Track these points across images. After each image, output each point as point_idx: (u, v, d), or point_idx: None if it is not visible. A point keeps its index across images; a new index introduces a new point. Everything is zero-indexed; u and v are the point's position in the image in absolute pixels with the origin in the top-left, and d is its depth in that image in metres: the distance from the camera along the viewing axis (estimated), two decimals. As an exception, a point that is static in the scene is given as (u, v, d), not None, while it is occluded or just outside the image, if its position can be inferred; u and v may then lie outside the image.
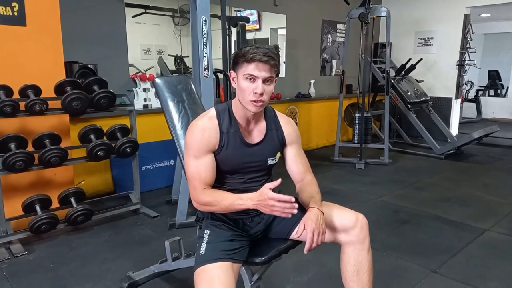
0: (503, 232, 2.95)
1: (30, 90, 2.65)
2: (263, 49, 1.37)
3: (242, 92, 1.41)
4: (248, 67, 1.37)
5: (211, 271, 1.32)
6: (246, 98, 1.41)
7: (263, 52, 1.35)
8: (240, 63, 1.39)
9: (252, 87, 1.38)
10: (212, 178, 1.48)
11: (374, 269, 1.56)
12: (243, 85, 1.40)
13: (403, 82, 5.72)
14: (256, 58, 1.35)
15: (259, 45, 1.39)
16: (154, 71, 4.41)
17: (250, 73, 1.37)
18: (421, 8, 6.48)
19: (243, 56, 1.37)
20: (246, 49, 1.38)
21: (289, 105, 5.50)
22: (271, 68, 1.38)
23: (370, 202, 3.59)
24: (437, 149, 5.32)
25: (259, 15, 5.60)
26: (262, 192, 1.31)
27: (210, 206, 1.44)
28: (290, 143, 1.60)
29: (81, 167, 3.41)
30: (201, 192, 1.44)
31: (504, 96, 9.30)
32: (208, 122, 1.48)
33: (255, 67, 1.36)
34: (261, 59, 1.35)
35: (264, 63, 1.36)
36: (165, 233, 2.87)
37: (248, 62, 1.37)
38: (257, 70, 1.37)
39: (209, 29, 2.93)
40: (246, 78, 1.39)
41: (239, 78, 1.41)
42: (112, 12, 3.87)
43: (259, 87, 1.38)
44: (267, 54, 1.36)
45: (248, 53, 1.36)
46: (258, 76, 1.37)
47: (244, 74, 1.39)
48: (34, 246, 2.68)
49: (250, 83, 1.39)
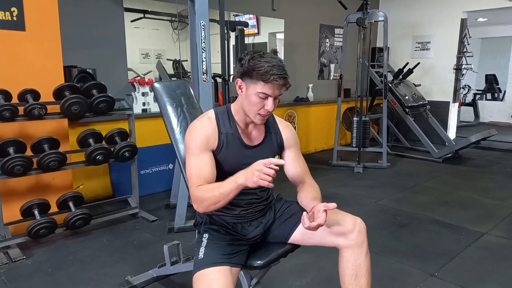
0: (501, 235, 2.95)
1: (29, 95, 2.65)
2: (279, 68, 1.35)
3: (252, 105, 1.41)
4: (264, 86, 1.37)
5: (209, 275, 1.32)
6: (253, 112, 1.43)
7: (280, 74, 1.35)
8: (254, 79, 1.37)
9: (263, 104, 1.40)
10: (212, 175, 1.44)
11: (372, 273, 1.56)
12: (254, 100, 1.40)
13: (401, 86, 5.74)
14: (275, 81, 1.35)
15: (273, 60, 1.36)
16: (152, 75, 4.41)
17: (265, 93, 1.38)
18: (418, 12, 6.52)
19: (261, 75, 1.35)
20: (263, 66, 1.34)
21: (288, 109, 5.51)
22: (283, 86, 1.40)
23: (368, 206, 3.60)
24: (435, 153, 5.34)
25: (258, 19, 5.63)
26: (256, 163, 1.27)
27: (207, 200, 1.36)
28: (289, 147, 1.62)
29: (79, 171, 3.41)
30: (196, 189, 1.39)
31: (501, 100, 9.34)
32: (207, 122, 1.49)
33: (270, 87, 1.37)
34: (279, 82, 1.36)
35: (281, 85, 1.38)
36: (164, 237, 2.87)
37: (265, 81, 1.36)
38: (271, 90, 1.38)
39: (208, 33, 2.94)
40: (258, 95, 1.39)
41: (249, 91, 1.40)
42: (111, 17, 3.89)
43: (270, 104, 1.40)
44: (284, 75, 1.36)
45: (267, 74, 1.34)
46: (271, 95, 1.39)
47: (258, 92, 1.38)
48: (32, 251, 2.67)
49: (261, 100, 1.40)
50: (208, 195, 1.36)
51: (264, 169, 1.23)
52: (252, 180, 1.25)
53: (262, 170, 1.23)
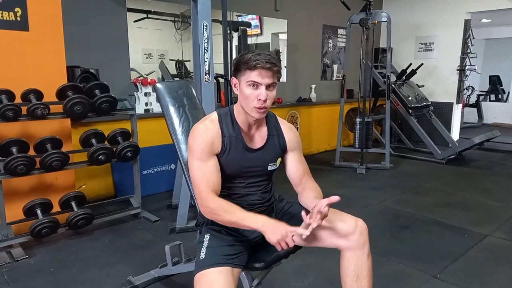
0: (504, 237, 2.94)
1: (32, 95, 2.66)
2: (265, 55, 1.37)
3: (246, 99, 1.42)
4: (251, 74, 1.38)
5: (211, 276, 1.32)
6: (249, 105, 1.42)
7: (265, 59, 1.36)
8: (242, 70, 1.40)
9: (255, 94, 1.39)
10: (219, 183, 1.46)
11: (374, 274, 1.56)
12: (246, 92, 1.40)
13: (404, 87, 5.73)
14: (259, 65, 1.36)
15: (260, 51, 1.40)
16: (155, 76, 4.42)
17: (253, 80, 1.38)
18: (421, 13, 6.49)
19: (245, 63, 1.38)
20: (248, 56, 1.38)
21: (290, 109, 5.51)
22: (273, 74, 1.39)
23: (371, 207, 3.59)
24: (438, 154, 5.32)
25: (261, 20, 5.62)
26: (282, 223, 1.34)
27: (217, 215, 1.41)
28: (291, 150, 1.61)
29: (82, 171, 3.42)
30: (210, 199, 1.41)
31: (505, 101, 9.29)
32: (210, 125, 1.49)
33: (258, 74, 1.37)
34: (264, 66, 1.36)
35: (267, 69, 1.37)
36: (166, 238, 2.87)
37: (251, 69, 1.37)
38: (260, 77, 1.37)
39: (210, 34, 2.94)
40: (249, 85, 1.39)
41: (241, 85, 1.42)
42: (114, 17, 3.90)
43: (262, 93, 1.39)
44: (269, 61, 1.36)
45: (251, 60, 1.36)
46: (261, 83, 1.38)
47: (247, 81, 1.39)
48: (34, 250, 2.68)
49: (253, 90, 1.39)
50: (225, 216, 1.40)
51: (288, 239, 1.30)
52: (272, 239, 1.31)
53: (286, 239, 1.30)
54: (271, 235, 1.31)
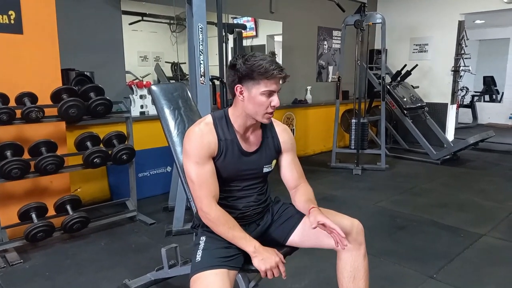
0: (499, 237, 2.95)
1: (27, 98, 2.65)
2: (275, 63, 1.39)
3: (258, 106, 1.42)
4: (268, 83, 1.38)
5: (207, 278, 1.32)
6: (261, 112, 1.43)
7: (278, 68, 1.38)
8: (257, 79, 1.38)
9: (269, 101, 1.41)
10: (218, 187, 1.47)
11: (370, 275, 1.56)
12: (260, 100, 1.40)
13: (399, 88, 5.76)
14: (275, 74, 1.37)
15: (266, 57, 1.39)
16: (151, 78, 4.42)
17: (271, 90, 1.39)
18: (416, 14, 6.54)
19: (262, 74, 1.36)
20: (262, 65, 1.36)
21: (286, 111, 5.52)
22: (283, 80, 1.43)
23: (367, 208, 3.59)
24: (433, 155, 5.34)
25: (256, 22, 5.63)
26: (274, 251, 1.40)
27: (214, 225, 1.43)
28: (286, 151, 1.61)
29: (77, 175, 3.40)
30: (211, 207, 1.42)
31: (499, 102, 9.36)
32: (206, 128, 1.48)
33: (274, 83, 1.39)
34: (281, 75, 1.39)
35: (281, 78, 1.40)
36: (162, 240, 2.86)
37: (269, 79, 1.37)
38: (275, 85, 1.40)
39: (206, 36, 2.95)
40: (264, 94, 1.40)
41: (253, 93, 1.40)
42: (108, 20, 3.89)
43: (277, 100, 1.42)
44: (281, 69, 1.39)
45: (269, 71, 1.36)
46: (276, 90, 1.41)
47: (263, 90, 1.39)
48: (30, 255, 2.66)
49: (267, 98, 1.41)
50: (221, 229, 1.42)
51: (276, 269, 1.36)
52: (261, 267, 1.36)
53: (276, 267, 1.36)
54: (260, 263, 1.36)
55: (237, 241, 1.41)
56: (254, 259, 1.37)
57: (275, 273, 1.37)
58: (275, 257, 1.38)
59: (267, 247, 1.41)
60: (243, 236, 1.41)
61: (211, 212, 1.42)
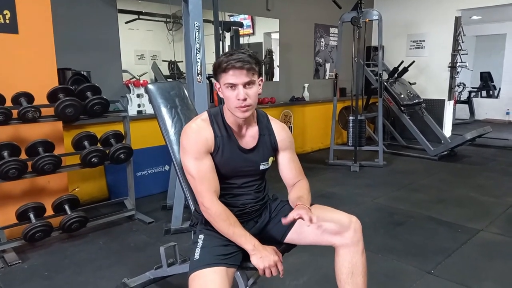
0: (497, 232, 2.97)
1: (23, 98, 2.64)
2: (237, 54, 1.38)
3: (228, 100, 1.44)
4: (226, 76, 1.39)
5: (205, 276, 1.32)
6: (232, 106, 1.43)
7: (236, 59, 1.37)
8: (218, 74, 1.42)
9: (234, 95, 1.40)
10: (218, 183, 1.48)
11: (369, 271, 1.57)
12: (226, 94, 1.42)
13: (396, 84, 5.76)
14: (230, 66, 1.37)
15: (233, 51, 1.41)
16: (148, 77, 4.41)
17: (229, 82, 1.39)
18: (412, 11, 6.54)
19: (219, 67, 1.40)
20: (220, 59, 1.40)
21: (284, 109, 5.52)
22: (248, 72, 1.39)
23: (365, 205, 3.60)
24: (430, 151, 5.36)
25: (253, 19, 5.63)
26: (273, 250, 1.41)
27: (215, 221, 1.44)
28: (284, 149, 1.61)
29: (75, 174, 3.39)
30: (212, 201, 1.43)
31: (496, 97, 9.38)
32: (203, 124, 1.49)
33: (232, 75, 1.38)
34: (235, 66, 1.37)
35: (240, 69, 1.37)
36: (161, 239, 2.86)
37: (225, 71, 1.39)
38: (234, 77, 1.38)
39: (202, 34, 2.94)
40: (227, 87, 1.41)
41: (222, 88, 1.44)
42: (105, 19, 3.87)
43: (240, 93, 1.39)
44: (240, 60, 1.37)
45: (223, 62, 1.38)
46: (237, 83, 1.39)
47: (224, 84, 1.41)
48: (28, 255, 2.66)
49: (232, 91, 1.40)
50: (222, 225, 1.43)
51: (274, 268, 1.37)
52: (259, 265, 1.37)
53: (274, 266, 1.37)
54: (259, 261, 1.37)
55: (236, 238, 1.41)
56: (252, 257, 1.38)
57: (273, 272, 1.37)
58: (273, 256, 1.38)
59: (266, 246, 1.42)
60: (243, 234, 1.42)
61: (213, 207, 1.43)
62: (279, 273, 1.39)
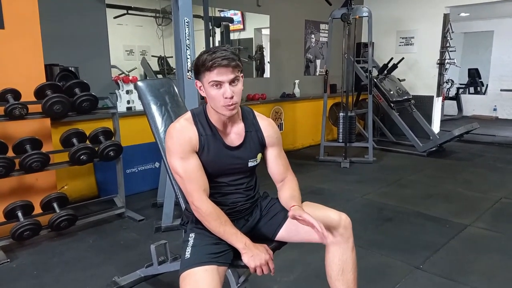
0: (483, 227, 3.02)
1: (9, 94, 2.59)
2: (220, 51, 1.36)
3: (213, 99, 1.41)
4: (210, 74, 1.37)
5: (196, 275, 1.32)
6: (217, 105, 1.41)
7: (221, 56, 1.35)
8: (202, 72, 1.39)
9: (220, 93, 1.38)
10: (206, 181, 1.47)
11: (358, 267, 1.58)
12: (212, 92, 1.40)
13: (386, 81, 5.81)
14: (216, 64, 1.35)
15: (216, 48, 1.39)
16: (137, 72, 4.36)
17: (214, 80, 1.37)
18: (401, 8, 6.58)
19: (203, 65, 1.37)
20: (203, 57, 1.37)
21: (274, 105, 5.52)
22: (233, 70, 1.38)
23: (355, 201, 3.63)
24: (419, 147, 5.42)
25: (243, 15, 5.60)
26: (264, 248, 1.41)
27: (206, 220, 1.43)
28: (271, 145, 1.61)
29: (63, 172, 3.35)
30: (202, 200, 1.43)
31: (483, 94, 9.51)
32: (186, 123, 1.48)
33: (217, 73, 1.36)
34: (220, 63, 1.35)
35: (225, 66, 1.36)
36: (151, 237, 2.85)
37: (209, 70, 1.36)
38: (220, 76, 1.37)
39: (192, 30, 2.92)
40: (212, 86, 1.39)
41: (205, 86, 1.41)
42: (92, 14, 3.82)
43: (227, 91, 1.38)
44: (225, 57, 1.35)
45: (207, 61, 1.35)
46: (223, 81, 1.37)
47: (209, 82, 1.38)
48: (16, 253, 2.63)
49: (217, 90, 1.39)
50: (213, 224, 1.43)
51: (265, 267, 1.37)
52: (251, 264, 1.36)
53: (265, 265, 1.37)
54: (250, 260, 1.36)
55: (228, 236, 1.41)
56: (244, 255, 1.38)
57: (264, 270, 1.37)
58: (264, 254, 1.38)
59: (257, 244, 1.42)
60: (234, 232, 1.42)
61: (203, 206, 1.43)
62: (270, 271, 1.39)
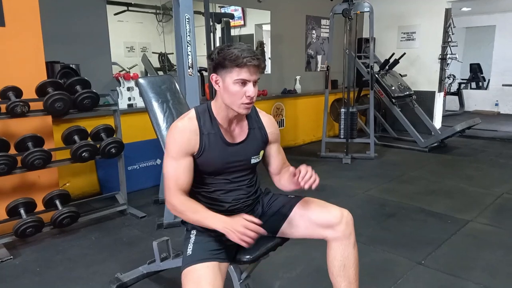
0: (485, 222, 3.02)
1: (11, 92, 2.59)
2: (250, 51, 1.35)
3: (232, 96, 1.39)
4: (240, 72, 1.35)
5: (198, 271, 1.32)
6: (237, 102, 1.40)
7: (252, 55, 1.34)
8: (229, 68, 1.36)
9: (243, 91, 1.38)
10: (188, 183, 1.46)
11: (360, 262, 1.59)
12: (234, 89, 1.38)
13: (387, 76, 5.79)
14: (249, 62, 1.34)
15: (243, 46, 1.37)
16: (138, 69, 4.37)
17: (243, 78, 1.36)
18: (403, 3, 6.54)
19: (233, 61, 1.34)
20: (233, 52, 1.34)
21: (275, 101, 5.51)
22: (261, 70, 1.39)
23: (356, 197, 3.63)
24: (421, 143, 5.41)
25: (244, 11, 5.58)
26: (240, 220, 1.33)
27: (180, 213, 1.42)
28: (273, 142, 1.62)
29: (65, 169, 3.36)
30: (175, 196, 1.42)
31: (485, 89, 9.47)
32: (188, 123, 1.47)
33: (247, 71, 1.35)
34: (253, 63, 1.35)
35: (256, 67, 1.36)
36: (153, 233, 2.86)
37: (240, 67, 1.34)
38: (249, 74, 1.36)
39: (193, 27, 2.91)
40: (237, 83, 1.37)
41: (227, 82, 1.39)
42: (93, 10, 3.81)
43: (251, 90, 1.38)
44: (256, 57, 1.35)
45: (239, 58, 1.33)
46: (250, 80, 1.37)
47: (235, 79, 1.36)
48: (19, 250, 2.64)
49: (241, 87, 1.37)
50: (187, 214, 1.41)
51: (247, 231, 1.29)
52: (235, 238, 1.30)
53: (245, 232, 1.29)
54: (233, 235, 1.30)
55: (205, 222, 1.38)
56: (227, 235, 1.32)
57: (251, 235, 1.30)
58: (239, 222, 1.32)
59: (235, 217, 1.37)
60: (209, 215, 1.38)
61: (174, 200, 1.42)
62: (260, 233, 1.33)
